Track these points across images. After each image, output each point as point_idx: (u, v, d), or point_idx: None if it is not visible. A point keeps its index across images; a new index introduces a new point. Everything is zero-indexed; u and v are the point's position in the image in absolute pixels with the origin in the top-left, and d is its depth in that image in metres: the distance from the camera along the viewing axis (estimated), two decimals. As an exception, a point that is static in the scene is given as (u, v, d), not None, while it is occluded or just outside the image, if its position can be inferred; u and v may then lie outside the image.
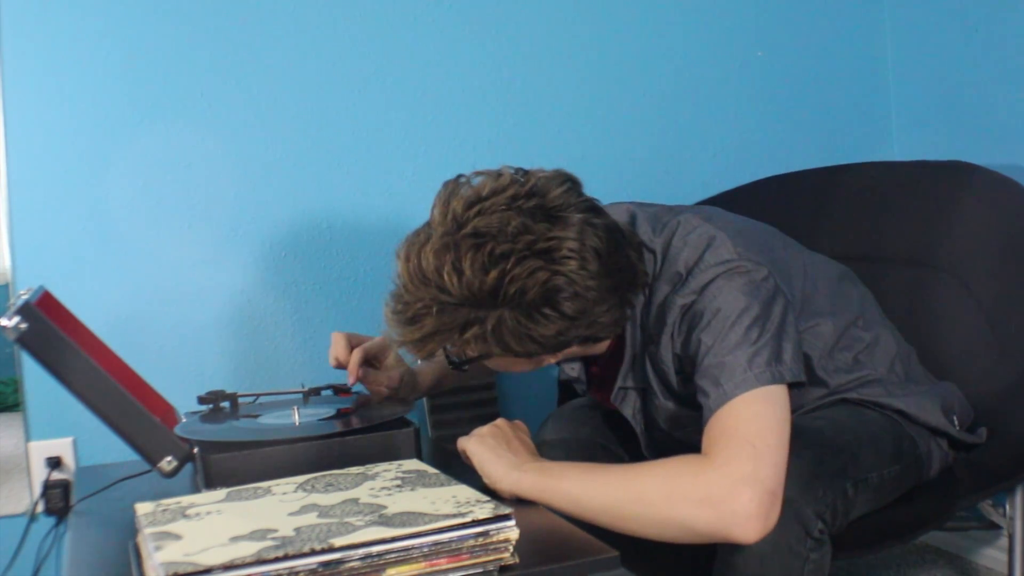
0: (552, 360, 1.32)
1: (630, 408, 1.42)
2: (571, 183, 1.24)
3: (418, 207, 1.93)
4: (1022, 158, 1.92)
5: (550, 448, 1.47)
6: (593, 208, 1.25)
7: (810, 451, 1.24)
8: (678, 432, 1.39)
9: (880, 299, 1.58)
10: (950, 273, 1.63)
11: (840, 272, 1.53)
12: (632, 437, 1.50)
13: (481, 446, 1.28)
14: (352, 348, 1.49)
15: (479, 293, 1.18)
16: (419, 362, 1.55)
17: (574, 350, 1.32)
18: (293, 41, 1.86)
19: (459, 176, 1.25)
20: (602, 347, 1.38)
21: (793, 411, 1.23)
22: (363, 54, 1.91)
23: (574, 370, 1.50)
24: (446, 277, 1.18)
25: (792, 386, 1.23)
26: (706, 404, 1.22)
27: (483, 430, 1.31)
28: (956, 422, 1.47)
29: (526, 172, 1.25)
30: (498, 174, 1.23)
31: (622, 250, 1.26)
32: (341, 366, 1.49)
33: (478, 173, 1.24)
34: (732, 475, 1.13)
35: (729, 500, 1.12)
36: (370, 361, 1.51)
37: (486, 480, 1.26)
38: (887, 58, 2.25)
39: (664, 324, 1.31)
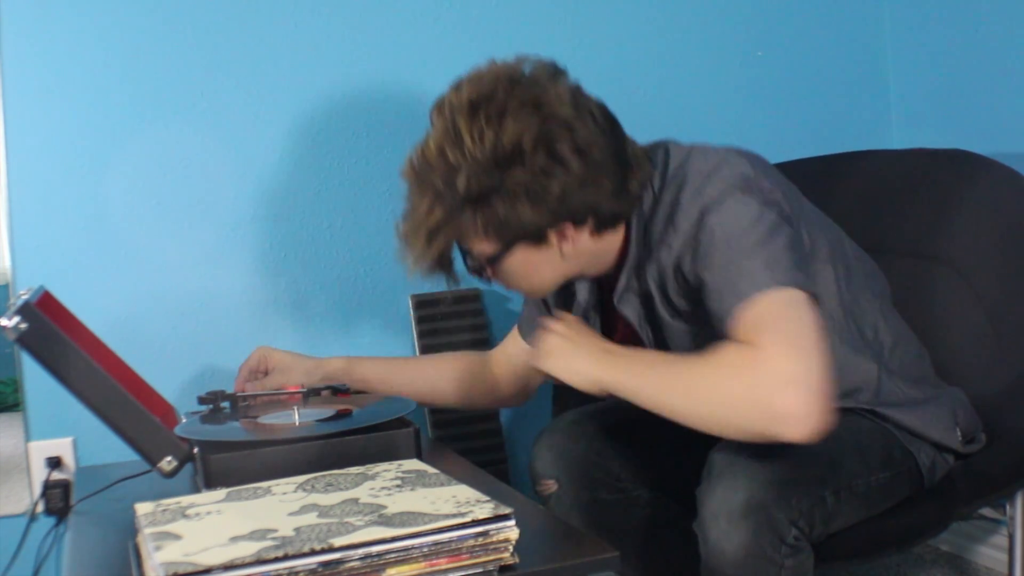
0: (570, 246, 1.27)
1: (634, 313, 1.37)
2: (558, 69, 1.29)
3: (418, 207, 1.95)
4: (1022, 147, 1.92)
5: (544, 464, 1.44)
6: (582, 90, 1.28)
7: (788, 458, 1.21)
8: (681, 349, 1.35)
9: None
10: (950, 266, 1.60)
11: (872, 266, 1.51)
12: (628, 451, 1.47)
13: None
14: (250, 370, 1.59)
15: (482, 158, 1.20)
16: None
17: (585, 242, 1.28)
18: (293, 41, 1.86)
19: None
20: (614, 243, 1.33)
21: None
22: (363, 53, 1.90)
23: (582, 292, 1.45)
24: (449, 153, 1.21)
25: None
26: (720, 308, 1.19)
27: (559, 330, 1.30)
28: (960, 434, 1.42)
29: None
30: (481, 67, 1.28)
31: (619, 129, 1.29)
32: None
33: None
34: (780, 375, 1.09)
35: (777, 403, 1.09)
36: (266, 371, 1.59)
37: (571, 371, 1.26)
38: (886, 47, 2.24)
39: (671, 226, 1.27)
